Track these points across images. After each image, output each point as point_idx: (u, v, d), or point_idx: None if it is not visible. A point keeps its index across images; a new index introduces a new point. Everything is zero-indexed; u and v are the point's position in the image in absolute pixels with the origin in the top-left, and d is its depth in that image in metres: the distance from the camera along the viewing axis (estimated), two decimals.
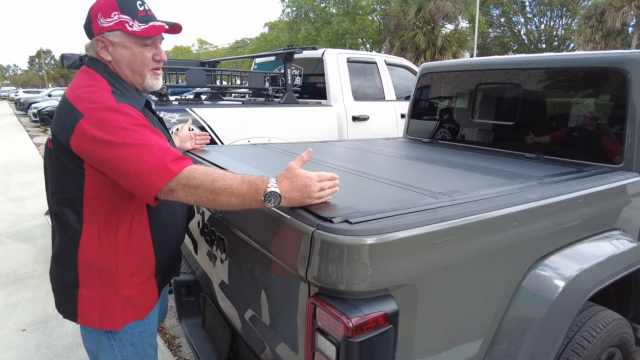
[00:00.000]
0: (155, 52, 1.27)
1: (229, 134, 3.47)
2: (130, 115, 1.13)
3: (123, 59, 1.24)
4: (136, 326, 1.33)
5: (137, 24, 1.20)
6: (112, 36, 1.21)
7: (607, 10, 22.64)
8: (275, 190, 1.08)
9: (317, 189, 1.12)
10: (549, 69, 2.21)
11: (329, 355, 0.99)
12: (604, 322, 1.50)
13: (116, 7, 1.19)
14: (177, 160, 1.11)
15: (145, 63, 1.26)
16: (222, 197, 1.08)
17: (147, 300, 1.34)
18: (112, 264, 1.24)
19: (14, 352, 2.50)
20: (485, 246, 1.20)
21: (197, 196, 1.10)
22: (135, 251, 1.27)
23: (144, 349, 1.37)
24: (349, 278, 0.97)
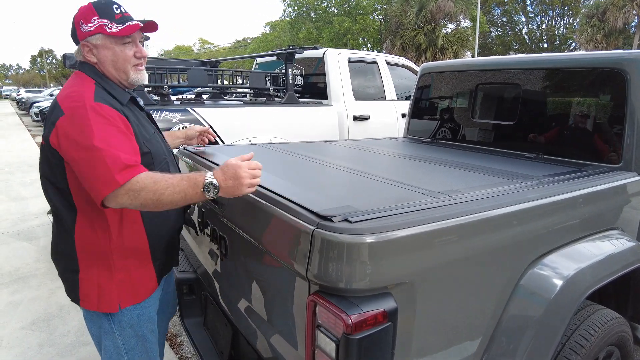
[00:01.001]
0: (135, 50, 1.37)
1: (230, 133, 3.48)
2: (101, 115, 1.21)
3: (107, 59, 1.34)
4: (134, 309, 1.39)
5: (115, 26, 1.30)
6: (95, 39, 1.32)
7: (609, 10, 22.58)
8: (212, 181, 1.20)
9: (248, 176, 1.23)
10: (549, 69, 2.22)
11: (328, 352, 1.00)
12: (602, 321, 1.51)
13: (95, 13, 1.30)
14: (125, 169, 1.17)
15: (127, 60, 1.36)
16: (165, 196, 1.18)
17: (144, 284, 1.40)
18: (107, 248, 1.32)
19: (17, 350, 2.52)
20: (484, 245, 1.22)
21: (141, 199, 1.17)
22: (127, 235, 1.34)
23: (143, 333, 1.43)
24: (348, 276, 0.99)
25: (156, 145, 1.43)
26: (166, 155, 1.47)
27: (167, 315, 1.83)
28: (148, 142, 1.38)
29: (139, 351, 1.45)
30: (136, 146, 1.27)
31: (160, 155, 1.42)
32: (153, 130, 1.48)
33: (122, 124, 1.26)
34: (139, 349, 1.44)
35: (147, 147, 1.36)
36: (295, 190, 1.33)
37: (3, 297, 3.18)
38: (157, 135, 1.51)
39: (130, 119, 1.33)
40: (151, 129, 1.47)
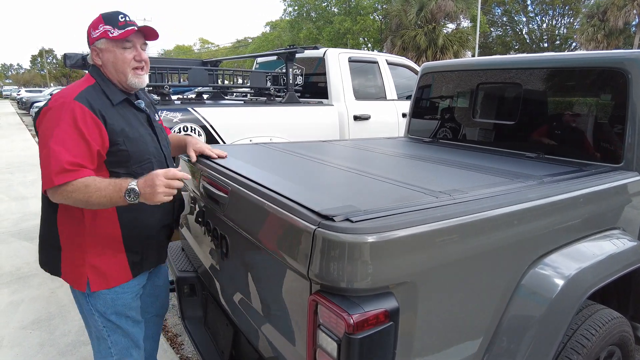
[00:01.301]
0: (135, 54, 1.50)
1: (231, 133, 3.48)
2: (71, 115, 1.36)
3: (109, 61, 1.49)
4: (107, 293, 1.52)
5: (117, 31, 1.45)
6: (100, 44, 1.48)
7: (609, 9, 22.56)
8: (134, 187, 1.33)
9: (163, 184, 1.35)
10: (550, 69, 2.22)
11: (330, 351, 1.00)
12: (603, 321, 1.51)
13: (102, 21, 1.47)
14: (62, 173, 1.32)
15: (126, 63, 1.49)
16: (93, 198, 1.33)
17: (115, 272, 1.52)
18: (81, 235, 1.47)
19: (18, 349, 2.53)
20: (485, 245, 1.22)
21: (72, 199, 1.34)
22: (100, 224, 1.47)
23: (118, 319, 1.55)
24: (350, 276, 0.99)
25: (140, 145, 1.51)
26: (151, 156, 1.55)
27: (157, 310, 1.89)
28: (130, 141, 1.48)
29: (120, 334, 1.58)
30: (91, 150, 1.38)
31: (142, 155, 1.51)
32: (145, 132, 1.57)
33: (91, 123, 1.38)
34: (119, 332, 1.57)
35: (126, 146, 1.46)
36: (296, 190, 1.33)
37: (4, 296, 3.18)
38: (150, 136, 1.59)
39: (112, 119, 1.44)
40: (143, 130, 1.56)
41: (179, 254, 2.26)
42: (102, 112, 1.42)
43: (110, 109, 1.47)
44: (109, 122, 1.43)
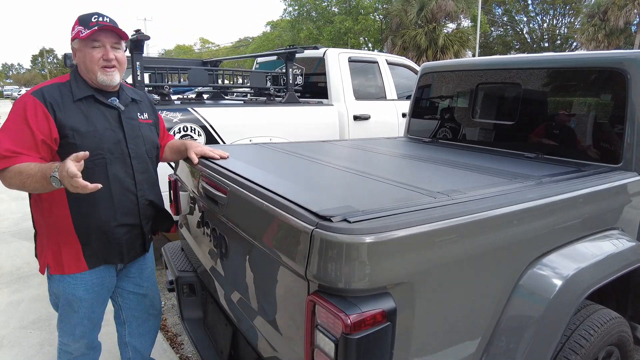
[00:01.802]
0: (103, 53, 1.56)
1: (231, 133, 3.48)
2: (24, 105, 1.48)
3: (80, 60, 1.58)
4: (60, 279, 1.64)
5: (86, 31, 1.52)
6: (74, 44, 1.58)
7: (610, 9, 22.52)
8: (55, 175, 1.37)
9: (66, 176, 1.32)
10: (549, 69, 2.22)
11: (327, 351, 1.00)
12: (601, 321, 1.51)
13: (77, 23, 1.56)
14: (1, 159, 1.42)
15: (94, 61, 1.55)
16: (27, 184, 1.41)
17: (68, 261, 1.61)
18: (43, 222, 1.60)
19: (18, 349, 2.53)
20: (483, 245, 1.22)
21: (15, 185, 1.44)
22: (55, 216, 1.57)
23: (67, 304, 1.67)
24: (347, 276, 0.99)
25: (92, 140, 1.54)
26: (105, 152, 1.57)
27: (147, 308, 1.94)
28: (80, 135, 1.52)
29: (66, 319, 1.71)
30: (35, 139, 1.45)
31: (94, 149, 1.52)
32: (107, 128, 1.60)
33: (40, 115, 1.47)
34: (67, 316, 1.70)
35: (74, 140, 1.51)
36: (295, 190, 1.34)
37: (4, 296, 3.19)
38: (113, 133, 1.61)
39: (63, 113, 1.51)
40: (103, 126, 1.59)
41: (178, 254, 2.26)
42: (54, 106, 1.50)
43: (70, 104, 1.54)
44: (58, 116, 1.50)
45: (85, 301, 1.67)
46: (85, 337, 1.75)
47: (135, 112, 1.73)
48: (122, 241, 1.68)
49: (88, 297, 1.67)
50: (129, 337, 1.96)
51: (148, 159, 1.74)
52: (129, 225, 1.69)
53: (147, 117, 1.78)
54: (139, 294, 1.90)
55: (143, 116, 1.76)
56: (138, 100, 1.78)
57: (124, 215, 1.65)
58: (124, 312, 1.93)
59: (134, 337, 1.96)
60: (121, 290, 1.87)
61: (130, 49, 3.17)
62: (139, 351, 1.99)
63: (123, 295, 1.88)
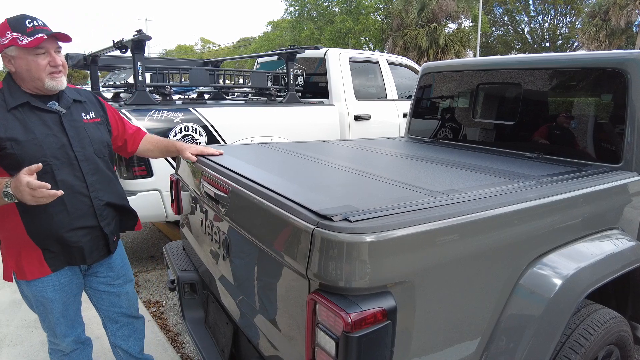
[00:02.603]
0: (50, 59, 1.52)
1: (232, 133, 3.49)
2: None
3: (22, 68, 1.50)
4: (27, 284, 1.65)
5: (25, 38, 1.46)
6: (10, 51, 1.49)
7: (611, 9, 22.48)
8: (8, 191, 1.38)
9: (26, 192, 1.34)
10: (550, 69, 2.23)
11: (328, 350, 1.01)
12: (601, 320, 1.52)
13: (8, 28, 1.47)
14: None
15: (40, 69, 1.50)
16: None
17: (33, 267, 1.61)
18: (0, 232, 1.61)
19: (20, 347, 2.54)
20: (483, 244, 1.22)
21: None
22: (8, 225, 1.57)
23: (40, 306, 1.68)
24: (348, 275, 1.00)
25: (32, 148, 1.50)
26: (49, 159, 1.52)
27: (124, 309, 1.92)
28: (18, 144, 1.48)
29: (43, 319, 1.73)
30: None
31: (35, 158, 1.48)
32: (48, 134, 1.55)
33: None
34: (44, 316, 1.71)
35: (14, 150, 1.47)
36: (295, 190, 1.34)
37: (6, 295, 3.20)
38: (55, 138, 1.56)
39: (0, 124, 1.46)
40: (43, 132, 1.54)
41: (179, 254, 2.27)
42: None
43: (4, 113, 1.49)
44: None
45: (56, 301, 1.67)
46: (68, 334, 1.75)
47: (80, 112, 1.68)
48: (82, 244, 1.65)
49: (58, 297, 1.67)
50: (113, 338, 1.95)
51: (98, 159, 1.69)
52: (87, 228, 1.65)
53: (93, 116, 1.72)
54: (112, 294, 1.86)
55: (89, 116, 1.70)
56: (81, 100, 1.71)
57: (79, 218, 1.62)
58: (102, 314, 1.91)
59: (118, 339, 1.94)
60: (92, 290, 1.84)
61: (131, 49, 3.18)
62: (127, 352, 1.96)
63: (96, 296, 1.86)
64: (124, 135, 1.91)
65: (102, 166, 1.70)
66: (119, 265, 1.87)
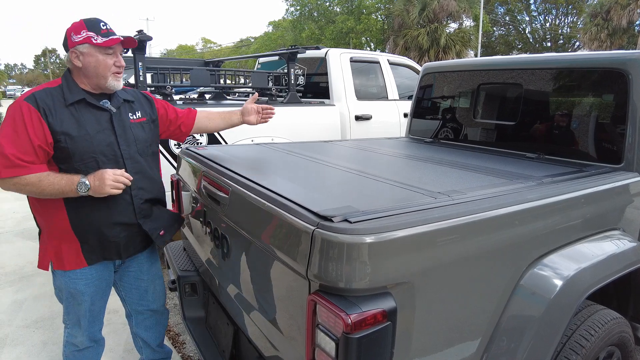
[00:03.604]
0: (115, 60, 1.65)
1: (233, 133, 3.49)
2: (20, 112, 1.52)
3: (90, 65, 1.61)
4: (62, 275, 1.71)
5: (100, 38, 1.59)
6: (82, 48, 1.59)
7: (613, 8, 22.43)
8: (84, 181, 1.54)
9: (111, 178, 1.56)
10: (551, 69, 2.22)
11: (328, 351, 1.01)
12: (602, 321, 1.52)
13: (85, 27, 1.60)
14: (11, 167, 1.50)
15: (107, 67, 1.63)
16: (46, 191, 1.54)
17: (68, 257, 1.68)
18: (43, 222, 1.70)
19: (22, 348, 2.55)
20: (484, 245, 1.22)
21: (25, 190, 1.55)
22: (53, 217, 1.65)
23: (70, 297, 1.75)
24: (348, 276, 1.00)
25: (83, 144, 1.60)
26: (97, 155, 1.62)
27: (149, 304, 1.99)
28: (71, 139, 1.57)
29: (70, 311, 1.79)
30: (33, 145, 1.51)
31: (85, 153, 1.60)
32: (99, 131, 1.64)
33: (36, 121, 1.52)
34: (72, 308, 1.78)
35: (66, 144, 1.57)
36: (296, 190, 1.34)
37: (7, 295, 3.20)
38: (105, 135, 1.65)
39: (56, 118, 1.55)
40: (95, 129, 1.63)
41: (180, 254, 2.28)
42: (47, 111, 1.55)
43: (62, 108, 1.58)
44: (50, 121, 1.55)
45: (86, 294, 1.75)
46: (89, 329, 1.83)
47: (127, 112, 1.76)
48: (119, 239, 1.73)
49: (88, 291, 1.75)
50: (136, 328, 2.05)
51: (141, 158, 1.77)
52: (125, 224, 1.73)
53: (140, 115, 1.80)
54: (140, 289, 1.94)
55: (135, 115, 1.79)
56: (130, 100, 1.80)
57: (118, 214, 1.70)
58: (128, 306, 2.01)
59: (140, 329, 2.04)
60: (122, 284, 1.93)
61: (132, 49, 3.18)
62: (146, 342, 2.07)
63: (124, 290, 1.95)
64: (176, 122, 1.99)
65: (145, 165, 1.79)
66: (150, 262, 1.95)
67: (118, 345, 2.53)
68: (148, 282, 1.95)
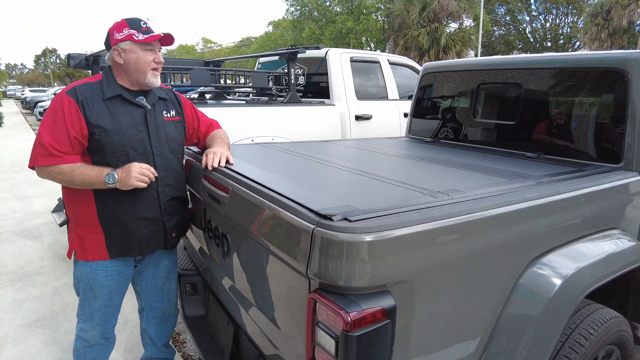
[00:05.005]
0: (155, 56, 1.72)
1: (233, 133, 3.49)
2: (61, 104, 1.59)
3: (131, 61, 1.67)
4: (84, 265, 1.75)
5: (141, 35, 1.66)
6: (124, 45, 1.66)
7: (613, 8, 22.43)
8: (113, 173, 1.61)
9: (137, 171, 1.62)
10: (550, 69, 2.23)
11: (328, 349, 1.02)
12: (601, 320, 1.52)
13: (126, 25, 1.67)
14: (47, 156, 1.57)
15: (147, 63, 1.69)
16: (77, 180, 1.60)
17: (92, 248, 1.72)
18: (72, 210, 1.74)
19: (22, 347, 2.55)
20: (483, 244, 1.23)
21: (57, 179, 1.61)
22: (81, 206, 1.70)
23: (88, 289, 1.78)
24: (348, 274, 1.00)
25: (116, 137, 1.65)
26: (128, 149, 1.67)
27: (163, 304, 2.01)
28: (105, 132, 1.63)
29: (86, 304, 1.81)
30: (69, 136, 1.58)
31: (116, 146, 1.65)
32: (132, 126, 1.69)
33: (74, 113, 1.59)
34: (87, 301, 1.80)
35: (100, 136, 1.63)
36: (296, 190, 1.35)
37: (8, 294, 3.21)
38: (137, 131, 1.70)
39: (92, 111, 1.62)
40: (128, 124, 1.69)
41: (181, 253, 2.28)
42: (85, 104, 1.61)
43: (99, 102, 1.64)
44: (87, 114, 1.61)
45: (104, 287, 1.77)
46: (102, 324, 1.84)
47: (161, 110, 1.81)
48: (142, 234, 1.76)
49: (107, 284, 1.77)
50: (146, 324, 2.07)
51: (171, 156, 1.81)
52: (150, 220, 1.76)
53: (173, 114, 1.85)
54: (157, 286, 1.96)
55: (169, 114, 1.83)
56: (165, 98, 1.85)
57: (144, 209, 1.74)
58: (143, 301, 2.02)
59: (150, 326, 2.06)
60: (140, 279, 1.95)
61: None
62: (152, 340, 2.09)
63: (141, 286, 1.97)
64: (198, 132, 2.03)
65: (174, 163, 1.83)
66: (168, 259, 1.97)
67: (119, 344, 2.53)
68: (164, 280, 1.97)
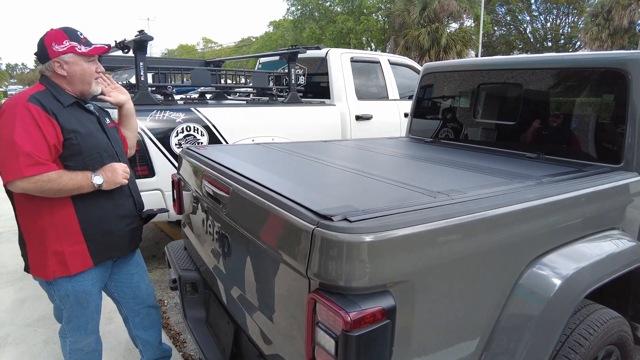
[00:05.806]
0: (96, 67, 1.76)
1: (233, 133, 3.50)
2: (29, 112, 1.54)
3: (76, 73, 1.69)
4: (68, 281, 1.70)
5: (83, 47, 1.68)
6: (67, 57, 1.66)
7: (614, 8, 22.42)
8: (97, 174, 1.65)
9: (121, 169, 1.72)
10: (551, 69, 2.23)
11: (328, 349, 1.02)
12: (601, 320, 1.52)
13: (65, 37, 1.65)
14: (34, 165, 1.52)
15: (92, 74, 1.74)
16: (67, 186, 1.58)
17: (77, 261, 1.69)
18: (41, 229, 1.65)
19: (23, 346, 2.56)
20: (482, 244, 1.23)
21: (46, 188, 1.54)
22: (59, 218, 1.65)
23: (76, 303, 1.75)
24: (348, 274, 1.00)
25: (91, 140, 1.70)
26: (102, 151, 1.73)
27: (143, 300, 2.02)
28: (81, 136, 1.66)
29: (76, 317, 1.79)
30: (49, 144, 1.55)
31: (93, 149, 1.70)
32: (96, 130, 1.76)
33: (46, 121, 1.56)
34: (77, 314, 1.78)
35: (77, 140, 1.65)
36: (296, 190, 1.35)
37: (9, 294, 3.22)
38: (101, 134, 1.77)
39: (63, 117, 1.62)
40: (93, 128, 1.75)
41: (181, 253, 2.28)
42: (54, 111, 1.61)
43: (61, 109, 1.65)
44: (60, 120, 1.61)
45: (93, 295, 1.79)
46: (95, 330, 1.87)
47: (104, 117, 1.88)
48: (125, 233, 1.81)
49: (94, 291, 1.79)
50: (135, 330, 2.06)
51: (125, 157, 1.92)
52: (129, 217, 1.83)
53: (110, 121, 1.92)
54: (133, 285, 1.98)
55: (108, 120, 1.91)
56: (97, 106, 1.90)
57: (123, 207, 1.81)
58: (124, 308, 2.02)
59: (140, 331, 2.06)
60: (115, 284, 1.96)
61: (133, 49, 3.19)
62: (148, 342, 2.09)
63: (118, 290, 1.98)
64: None
65: (128, 163, 1.91)
66: (137, 257, 2.01)
67: (119, 344, 2.54)
68: (139, 277, 2.00)
